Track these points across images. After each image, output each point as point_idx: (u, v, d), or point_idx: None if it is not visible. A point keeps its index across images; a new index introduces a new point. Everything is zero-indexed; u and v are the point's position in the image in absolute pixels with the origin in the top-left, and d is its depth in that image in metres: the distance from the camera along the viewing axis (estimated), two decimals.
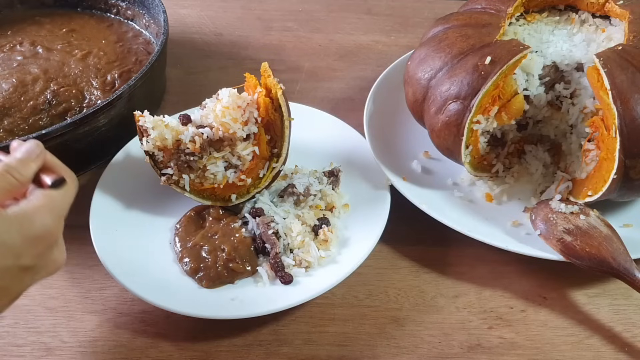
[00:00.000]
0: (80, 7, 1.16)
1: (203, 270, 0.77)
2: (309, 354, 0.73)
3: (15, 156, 0.57)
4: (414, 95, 0.85)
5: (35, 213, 0.54)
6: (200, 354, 0.73)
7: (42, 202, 0.55)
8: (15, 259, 0.52)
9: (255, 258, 0.79)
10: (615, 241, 0.75)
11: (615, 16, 0.86)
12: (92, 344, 0.74)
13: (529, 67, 0.80)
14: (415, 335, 0.75)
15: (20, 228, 0.52)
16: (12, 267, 0.52)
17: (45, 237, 0.54)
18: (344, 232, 0.82)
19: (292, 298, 0.73)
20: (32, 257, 0.53)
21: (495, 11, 0.87)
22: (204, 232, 0.81)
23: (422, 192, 0.85)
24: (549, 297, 0.79)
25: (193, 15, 1.28)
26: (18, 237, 0.52)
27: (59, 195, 0.57)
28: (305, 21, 1.26)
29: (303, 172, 0.87)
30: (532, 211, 0.81)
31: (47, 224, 0.54)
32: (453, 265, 0.82)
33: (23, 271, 0.53)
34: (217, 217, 0.83)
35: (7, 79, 0.98)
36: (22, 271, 0.53)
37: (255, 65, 0.86)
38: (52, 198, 0.56)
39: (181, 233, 0.82)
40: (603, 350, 0.73)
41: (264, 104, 0.81)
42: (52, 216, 0.55)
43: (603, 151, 0.76)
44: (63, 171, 0.59)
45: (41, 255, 0.54)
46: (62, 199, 0.57)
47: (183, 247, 0.80)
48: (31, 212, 0.54)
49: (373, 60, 1.16)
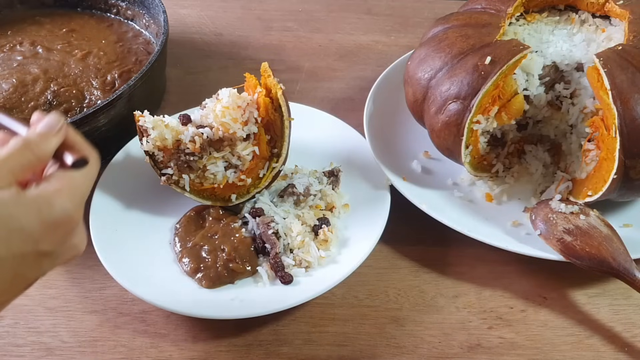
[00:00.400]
0: (80, 7, 1.16)
1: (203, 270, 0.77)
2: (309, 354, 0.73)
3: (35, 130, 0.53)
4: (414, 95, 0.85)
5: (55, 196, 0.50)
6: (200, 354, 0.73)
7: (62, 184, 0.51)
8: (34, 245, 0.49)
9: (255, 258, 0.79)
10: (615, 241, 0.75)
11: (615, 16, 0.86)
12: (92, 344, 0.74)
13: (529, 67, 0.80)
14: (415, 335, 0.75)
15: (40, 212, 0.49)
16: (31, 253, 0.49)
17: (65, 222, 0.51)
18: (344, 232, 0.82)
19: (292, 298, 0.73)
20: (51, 243, 0.50)
21: (495, 11, 0.87)
22: (204, 232, 0.81)
23: (422, 192, 0.85)
24: (549, 297, 0.79)
25: (193, 15, 1.28)
26: (37, 222, 0.49)
27: (80, 176, 0.53)
28: (305, 21, 1.26)
29: (303, 172, 0.87)
30: (532, 211, 0.81)
31: (67, 208, 0.51)
32: (453, 265, 0.82)
33: (41, 257, 0.51)
34: (217, 217, 0.83)
35: (7, 79, 0.98)
36: (41, 257, 0.50)
37: (255, 65, 0.86)
38: (73, 180, 0.52)
39: (181, 233, 0.82)
40: (603, 350, 0.73)
41: (264, 104, 0.81)
42: (73, 200, 0.52)
43: (603, 151, 0.76)
44: (86, 150, 0.55)
45: (61, 240, 0.51)
46: (83, 181, 0.54)
47: (183, 247, 0.80)
48: (51, 195, 0.50)
49: (373, 60, 1.16)
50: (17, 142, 0.52)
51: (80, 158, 0.54)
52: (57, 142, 0.54)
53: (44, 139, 0.53)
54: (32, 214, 0.49)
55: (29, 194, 0.50)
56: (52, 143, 0.53)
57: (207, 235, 0.81)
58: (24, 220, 0.48)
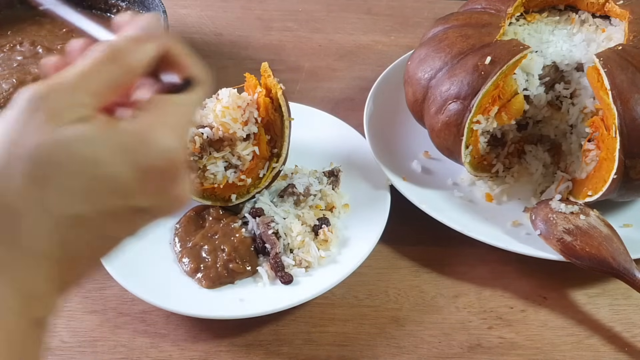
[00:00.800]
0: (80, 7, 1.16)
1: (203, 271, 0.77)
2: (309, 354, 0.73)
3: (125, 34, 0.41)
4: (414, 95, 0.85)
5: (154, 131, 0.38)
6: (200, 354, 0.73)
7: (163, 114, 0.39)
8: (127, 198, 0.38)
9: (255, 258, 0.79)
10: (615, 241, 0.75)
11: (615, 16, 0.86)
12: (92, 343, 0.74)
13: (529, 67, 0.80)
14: (415, 335, 0.75)
15: (135, 154, 0.37)
16: (122, 208, 0.38)
17: (167, 167, 0.39)
18: (344, 232, 0.81)
19: (292, 298, 0.73)
20: (147, 196, 0.38)
21: (495, 11, 0.87)
22: (204, 232, 0.81)
23: (422, 192, 0.85)
24: (549, 297, 0.79)
25: (193, 15, 1.28)
26: (131, 167, 0.37)
27: (185, 104, 0.41)
28: (305, 21, 1.26)
29: (303, 172, 0.87)
30: (532, 211, 0.81)
31: (169, 147, 0.38)
32: (453, 265, 0.82)
33: (135, 213, 0.39)
34: (217, 217, 0.83)
35: (7, 79, 0.98)
36: (135, 213, 0.39)
37: (255, 65, 0.86)
38: (177, 109, 0.40)
39: (181, 233, 0.82)
40: (603, 350, 0.73)
41: (264, 104, 0.81)
42: (176, 135, 0.39)
43: (603, 151, 0.76)
44: (193, 67, 0.42)
45: (160, 191, 0.39)
46: (189, 110, 0.41)
47: (183, 247, 0.80)
48: (149, 129, 0.38)
49: (373, 60, 1.16)
50: (101, 51, 0.39)
51: (187, 78, 0.41)
52: (153, 51, 0.40)
53: (138, 45, 0.40)
54: (125, 156, 0.37)
55: (121, 127, 0.38)
56: (147, 52, 0.40)
57: (207, 235, 0.81)
58: (113, 166, 0.37)
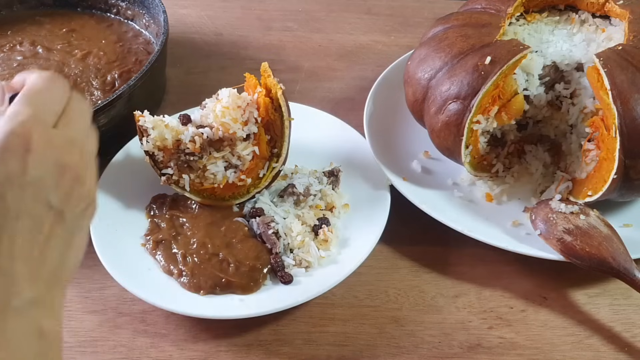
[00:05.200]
0: (80, 7, 1.16)
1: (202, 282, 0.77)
2: (309, 354, 0.73)
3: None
4: (414, 95, 0.85)
5: None
6: (200, 354, 0.73)
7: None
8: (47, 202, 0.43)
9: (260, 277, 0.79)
10: (615, 241, 0.75)
11: (615, 16, 0.86)
12: (92, 343, 0.74)
13: (529, 67, 0.80)
14: (415, 335, 0.75)
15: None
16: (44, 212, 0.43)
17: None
18: (344, 232, 0.82)
19: (292, 298, 0.73)
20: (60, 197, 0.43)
21: (495, 11, 0.87)
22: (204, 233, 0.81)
23: (422, 192, 0.85)
24: (549, 297, 0.79)
25: (193, 15, 1.28)
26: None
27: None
28: (305, 21, 1.26)
29: (303, 172, 0.87)
30: (532, 211, 0.81)
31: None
32: (453, 265, 0.82)
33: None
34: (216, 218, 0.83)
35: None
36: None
37: (255, 65, 0.86)
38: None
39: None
40: (603, 350, 0.73)
41: (264, 104, 0.81)
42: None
43: (603, 151, 0.76)
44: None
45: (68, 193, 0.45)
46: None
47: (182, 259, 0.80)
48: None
49: (373, 60, 1.16)
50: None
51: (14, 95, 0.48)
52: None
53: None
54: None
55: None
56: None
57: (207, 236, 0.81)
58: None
